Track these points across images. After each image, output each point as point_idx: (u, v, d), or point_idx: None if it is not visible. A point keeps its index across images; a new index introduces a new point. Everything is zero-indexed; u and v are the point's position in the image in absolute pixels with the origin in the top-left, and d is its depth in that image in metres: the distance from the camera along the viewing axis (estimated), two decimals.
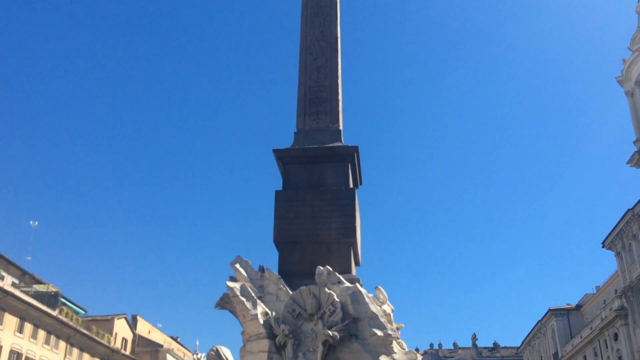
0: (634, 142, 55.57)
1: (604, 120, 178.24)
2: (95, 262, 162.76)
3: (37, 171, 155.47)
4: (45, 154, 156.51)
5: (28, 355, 49.52)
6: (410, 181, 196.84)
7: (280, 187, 19.83)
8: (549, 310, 76.66)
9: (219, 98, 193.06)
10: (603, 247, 60.37)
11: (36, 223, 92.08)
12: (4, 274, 50.12)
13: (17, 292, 48.40)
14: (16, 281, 53.48)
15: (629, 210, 54.09)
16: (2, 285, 46.48)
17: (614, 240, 57.88)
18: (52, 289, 55.76)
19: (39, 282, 56.56)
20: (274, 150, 20.07)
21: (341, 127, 20.88)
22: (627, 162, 55.85)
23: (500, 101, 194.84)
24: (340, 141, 20.37)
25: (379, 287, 18.03)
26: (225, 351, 13.62)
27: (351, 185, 19.89)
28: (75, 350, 57.12)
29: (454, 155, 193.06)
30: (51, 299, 54.19)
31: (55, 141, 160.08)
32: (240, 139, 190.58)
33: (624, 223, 55.20)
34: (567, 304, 78.63)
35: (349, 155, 20.00)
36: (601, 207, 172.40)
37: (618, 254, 57.82)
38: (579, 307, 76.42)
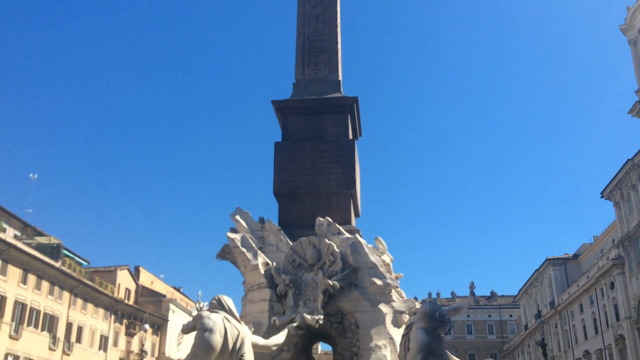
0: (635, 92, 55.06)
1: (606, 70, 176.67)
2: (97, 214, 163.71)
3: (36, 123, 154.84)
4: (43, 105, 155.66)
5: (32, 305, 50.25)
6: (409, 132, 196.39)
7: (279, 139, 19.74)
8: (547, 259, 77.47)
9: (217, 48, 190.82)
10: (602, 197, 60.57)
11: (36, 175, 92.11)
12: (5, 226, 50.40)
13: (20, 244, 48.78)
14: (18, 233, 53.82)
15: (628, 160, 54.04)
16: (4, 238, 46.81)
17: (613, 191, 58.03)
18: (54, 241, 56.18)
19: (40, 234, 56.92)
20: (273, 102, 19.89)
21: (340, 78, 20.65)
22: (629, 112, 55.45)
23: (502, 51, 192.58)
24: (340, 92, 20.18)
25: (379, 237, 18.16)
26: (227, 300, 13.77)
27: (351, 137, 19.80)
28: (79, 301, 57.94)
29: (453, 106, 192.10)
30: (53, 251, 54.65)
31: (54, 91, 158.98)
32: (239, 90, 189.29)
33: (624, 173, 55.23)
34: (565, 254, 79.43)
35: (349, 106, 19.84)
36: (601, 157, 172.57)
37: (617, 204, 58.05)
38: (576, 256, 77.21)
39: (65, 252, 58.26)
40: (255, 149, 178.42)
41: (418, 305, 16.01)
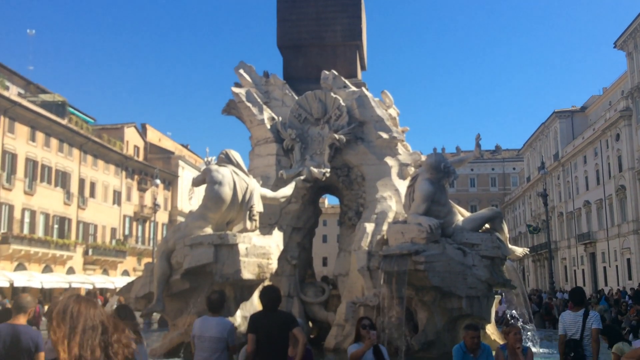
0: None
1: None
2: (100, 71, 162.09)
3: None
4: None
5: (44, 162, 51.09)
6: None
7: None
8: (554, 112, 77.06)
9: None
10: (615, 47, 58.92)
11: (33, 31, 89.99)
12: (8, 84, 49.92)
13: (25, 102, 48.60)
14: (22, 91, 53.42)
15: None
16: (8, 95, 46.57)
17: (627, 40, 56.25)
18: (58, 98, 55.74)
19: (44, 91, 56.42)
20: None
21: None
22: None
23: None
24: None
25: (385, 91, 17.89)
26: (234, 154, 13.88)
27: None
28: (89, 158, 58.74)
29: None
30: (59, 109, 54.37)
31: None
32: None
33: (639, 22, 53.31)
34: (572, 106, 78.76)
35: None
36: (617, 5, 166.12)
37: (629, 55, 56.53)
38: (583, 109, 76.57)
39: (71, 109, 58.12)
40: None
41: (423, 158, 16.11)
